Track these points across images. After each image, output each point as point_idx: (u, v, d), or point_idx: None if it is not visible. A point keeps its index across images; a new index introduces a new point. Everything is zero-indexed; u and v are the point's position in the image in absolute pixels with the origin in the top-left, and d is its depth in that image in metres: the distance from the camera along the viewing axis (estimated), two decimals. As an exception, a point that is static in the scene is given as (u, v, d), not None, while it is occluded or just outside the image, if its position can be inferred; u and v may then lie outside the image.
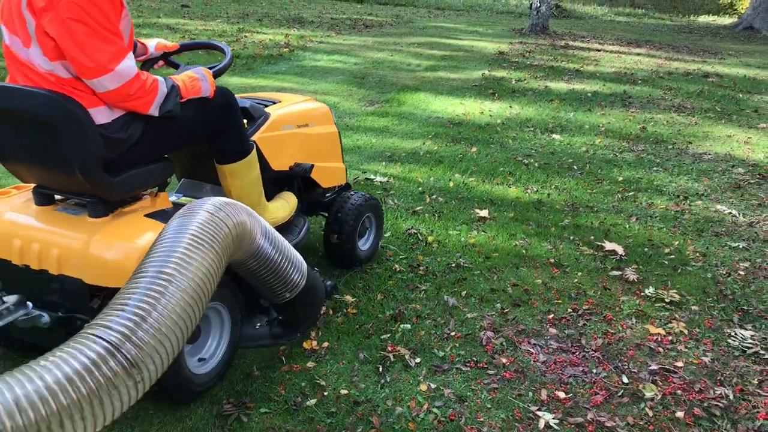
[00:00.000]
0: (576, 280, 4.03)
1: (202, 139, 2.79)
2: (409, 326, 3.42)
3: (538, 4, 15.66)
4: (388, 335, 3.34)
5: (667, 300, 3.80)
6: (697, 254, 4.45)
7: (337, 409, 2.80)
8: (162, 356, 1.87)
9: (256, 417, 2.73)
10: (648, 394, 2.98)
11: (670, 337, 3.45)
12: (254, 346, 3.00)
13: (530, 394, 2.95)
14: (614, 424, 2.78)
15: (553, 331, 3.47)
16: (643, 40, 16.20)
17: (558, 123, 7.66)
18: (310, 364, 3.07)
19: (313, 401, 2.83)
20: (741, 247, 4.61)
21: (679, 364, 3.23)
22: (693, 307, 3.76)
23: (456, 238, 4.50)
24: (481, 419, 2.78)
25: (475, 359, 3.18)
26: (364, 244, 3.89)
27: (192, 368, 2.61)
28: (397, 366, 3.10)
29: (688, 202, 5.43)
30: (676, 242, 4.62)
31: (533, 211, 5.04)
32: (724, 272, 4.22)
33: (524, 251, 4.37)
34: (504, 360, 3.18)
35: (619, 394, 2.98)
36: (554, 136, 7.15)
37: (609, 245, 4.46)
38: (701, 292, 3.95)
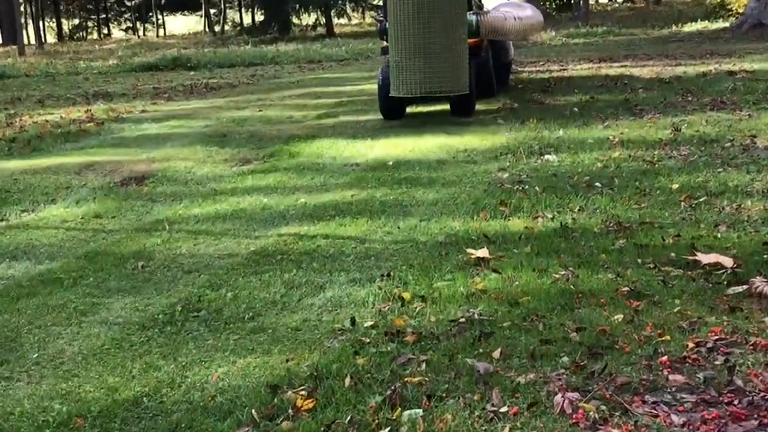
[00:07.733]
0: (678, 308, 3.50)
1: None
2: (420, 411, 2.75)
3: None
4: (387, 430, 2.64)
5: (842, 307, 3.31)
6: None
7: None
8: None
9: None
10: None
11: None
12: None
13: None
14: None
15: (677, 378, 2.88)
16: (621, 55, 16.64)
17: (544, 143, 7.37)
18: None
19: None
20: None
21: None
22: None
23: (450, 290, 3.92)
24: None
25: (562, 437, 2.52)
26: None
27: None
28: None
29: (791, 199, 5.10)
30: (807, 242, 4.20)
31: (560, 241, 4.56)
32: None
33: (572, 287, 3.83)
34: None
35: None
36: (547, 157, 6.82)
37: (707, 258, 3.99)
38: None
